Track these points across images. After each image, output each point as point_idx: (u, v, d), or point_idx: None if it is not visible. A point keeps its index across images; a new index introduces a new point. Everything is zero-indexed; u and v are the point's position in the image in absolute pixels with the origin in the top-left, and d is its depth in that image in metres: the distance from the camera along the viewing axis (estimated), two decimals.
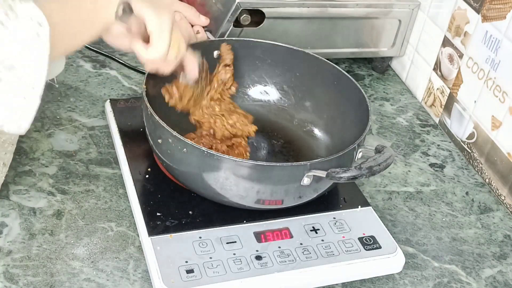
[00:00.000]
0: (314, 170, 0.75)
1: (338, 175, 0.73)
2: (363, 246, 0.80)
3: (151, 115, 0.79)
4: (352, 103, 0.92)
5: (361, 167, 0.73)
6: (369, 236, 0.81)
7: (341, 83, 0.94)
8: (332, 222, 0.82)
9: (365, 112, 0.86)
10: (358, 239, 0.80)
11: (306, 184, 0.76)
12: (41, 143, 0.94)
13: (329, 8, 1.13)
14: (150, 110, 0.79)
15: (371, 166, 0.74)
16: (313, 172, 0.75)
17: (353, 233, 0.81)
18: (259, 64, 0.99)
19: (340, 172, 0.73)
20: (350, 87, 0.92)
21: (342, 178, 0.72)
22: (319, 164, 0.76)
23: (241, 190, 0.78)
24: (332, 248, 0.79)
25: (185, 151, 0.77)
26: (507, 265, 0.88)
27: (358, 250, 0.79)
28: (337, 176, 0.73)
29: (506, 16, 0.97)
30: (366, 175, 0.73)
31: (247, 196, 0.78)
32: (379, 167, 0.74)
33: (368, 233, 0.82)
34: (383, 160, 0.75)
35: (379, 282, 0.82)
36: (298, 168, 0.76)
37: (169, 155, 0.81)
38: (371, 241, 0.81)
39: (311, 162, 0.76)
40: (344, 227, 0.82)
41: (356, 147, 0.80)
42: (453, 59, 1.10)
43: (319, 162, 0.76)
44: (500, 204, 0.98)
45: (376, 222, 0.84)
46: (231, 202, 0.80)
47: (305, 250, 0.78)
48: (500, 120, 0.99)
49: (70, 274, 0.76)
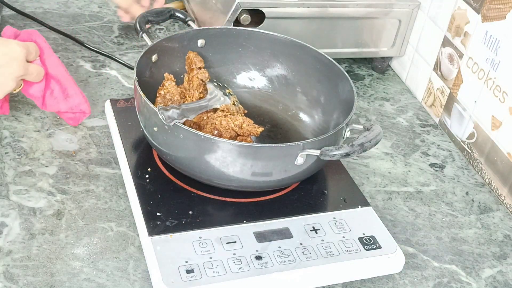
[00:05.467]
0: (308, 149, 0.77)
1: (331, 152, 0.75)
2: (363, 246, 0.80)
3: (145, 103, 0.80)
4: (336, 85, 0.93)
5: (353, 144, 0.76)
6: (369, 236, 0.81)
7: (324, 66, 0.96)
8: (332, 222, 0.82)
9: (349, 93, 0.88)
10: (358, 239, 0.81)
11: (300, 163, 0.78)
12: (41, 143, 0.94)
13: (329, 8, 1.13)
14: (144, 98, 0.80)
15: (362, 143, 0.76)
16: (306, 152, 0.77)
17: (353, 233, 0.81)
18: (243, 52, 1.01)
19: (333, 150, 0.75)
20: (333, 70, 0.94)
21: (335, 155, 0.75)
22: (312, 144, 0.78)
23: (238, 172, 0.78)
24: (332, 248, 0.79)
25: (182, 136, 0.77)
26: (507, 265, 0.88)
27: (358, 250, 0.79)
28: (331, 153, 0.75)
29: (506, 16, 0.97)
30: (358, 152, 0.75)
31: (244, 179, 0.79)
32: (369, 143, 0.76)
33: (368, 233, 0.82)
34: (373, 136, 0.77)
35: (379, 282, 0.82)
36: (292, 148, 0.77)
37: (165, 142, 0.81)
38: (371, 241, 0.81)
39: (304, 142, 0.77)
40: (344, 227, 0.82)
41: (345, 126, 0.81)
42: (453, 59, 1.10)
43: (311, 142, 0.78)
44: (500, 204, 0.98)
45: (376, 222, 0.84)
46: (227, 185, 0.81)
47: (305, 250, 0.78)
48: (500, 120, 0.99)
49: (70, 274, 0.76)
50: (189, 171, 0.83)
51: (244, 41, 1.00)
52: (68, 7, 1.31)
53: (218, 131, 0.87)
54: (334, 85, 0.94)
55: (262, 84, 1.02)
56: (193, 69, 0.94)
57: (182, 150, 0.80)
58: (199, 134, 0.77)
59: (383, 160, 1.04)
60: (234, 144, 0.77)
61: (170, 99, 0.91)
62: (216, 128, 0.87)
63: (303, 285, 0.77)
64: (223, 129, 0.87)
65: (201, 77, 0.94)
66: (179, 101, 0.91)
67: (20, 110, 1.00)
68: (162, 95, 0.91)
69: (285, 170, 0.80)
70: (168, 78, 0.92)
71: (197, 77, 0.93)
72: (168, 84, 0.91)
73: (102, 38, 1.22)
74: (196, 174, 0.82)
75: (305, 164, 0.79)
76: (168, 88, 0.91)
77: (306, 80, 0.99)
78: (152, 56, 0.92)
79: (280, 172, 0.80)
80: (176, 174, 0.86)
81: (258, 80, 1.02)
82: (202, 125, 0.89)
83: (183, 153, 0.81)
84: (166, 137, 0.80)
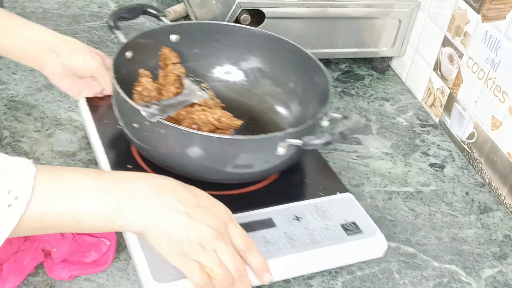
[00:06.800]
0: (289, 139, 0.78)
1: (313, 141, 0.77)
2: (345, 232, 0.81)
3: (124, 100, 0.80)
4: (311, 77, 0.93)
5: (333, 133, 0.77)
6: (350, 222, 0.82)
7: (299, 58, 0.95)
8: (314, 210, 0.83)
9: (325, 84, 0.88)
10: (340, 225, 0.81)
11: (281, 154, 0.79)
12: (41, 143, 0.94)
13: (329, 8, 1.13)
14: (124, 96, 0.80)
15: (342, 131, 0.78)
16: (288, 142, 0.78)
17: (335, 220, 0.82)
18: (217, 46, 1.01)
19: (315, 139, 0.77)
20: (307, 61, 0.94)
21: (317, 144, 0.77)
22: (292, 135, 0.79)
23: (220, 165, 0.79)
24: (315, 235, 0.79)
25: (164, 132, 0.77)
26: (507, 265, 0.88)
27: (340, 236, 0.80)
28: (312, 143, 0.77)
29: (506, 16, 0.97)
30: (339, 140, 0.77)
31: (226, 171, 0.80)
32: (349, 131, 0.78)
33: (349, 219, 0.83)
34: (352, 124, 0.79)
35: (379, 282, 0.82)
36: (274, 139, 0.78)
37: (147, 139, 0.81)
38: (353, 226, 0.82)
39: (285, 132, 0.79)
40: (326, 214, 0.83)
41: (323, 115, 0.83)
42: (453, 59, 1.10)
43: (292, 133, 0.79)
44: (500, 204, 0.98)
45: (356, 208, 0.85)
46: (209, 178, 0.82)
47: (289, 239, 0.79)
48: (500, 120, 0.99)
49: None
50: (171, 166, 0.83)
51: (218, 36, 1.00)
52: (68, 7, 1.31)
53: (197, 125, 0.87)
54: (310, 77, 0.94)
55: (238, 78, 1.02)
56: (168, 64, 0.94)
57: (164, 145, 0.80)
58: (182, 129, 0.77)
59: (383, 160, 1.04)
60: (217, 137, 0.77)
61: (147, 95, 0.90)
62: (195, 122, 0.87)
63: (289, 273, 0.78)
64: (202, 123, 0.87)
65: (177, 72, 0.93)
66: (156, 97, 0.91)
67: (20, 110, 1.00)
68: (139, 91, 0.90)
69: (266, 161, 0.81)
70: (144, 74, 0.91)
71: (173, 73, 0.93)
72: (145, 80, 0.91)
73: (102, 38, 1.22)
74: (178, 169, 0.82)
75: (286, 155, 0.80)
76: (144, 84, 0.90)
77: (282, 72, 0.99)
78: (127, 53, 0.92)
79: (262, 163, 0.81)
80: (157, 169, 0.86)
81: (233, 74, 1.02)
82: (180, 120, 0.88)
83: (165, 148, 0.81)
84: (147, 134, 0.80)
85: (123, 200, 0.64)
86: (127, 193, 0.65)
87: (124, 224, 0.65)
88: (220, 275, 0.66)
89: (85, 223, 0.64)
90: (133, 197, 0.65)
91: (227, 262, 0.67)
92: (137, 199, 0.65)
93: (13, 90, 1.05)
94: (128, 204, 0.64)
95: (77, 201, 0.63)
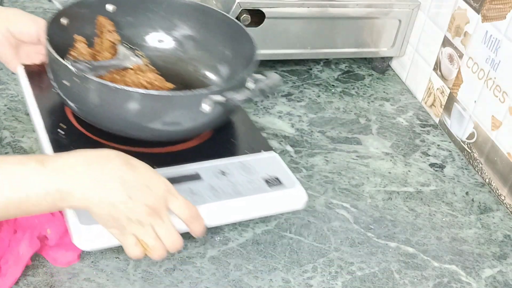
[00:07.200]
0: (212, 95, 0.81)
1: (234, 96, 0.82)
2: (267, 184, 0.84)
3: (55, 59, 0.81)
4: (239, 44, 0.96)
5: (253, 90, 0.84)
6: (273, 177, 0.85)
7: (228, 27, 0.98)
8: (239, 166, 0.86)
9: (251, 50, 0.91)
10: (263, 179, 0.84)
11: (207, 111, 0.82)
12: None
13: (329, 8, 1.13)
14: (54, 54, 0.81)
15: (261, 88, 0.84)
16: (212, 98, 0.81)
17: (258, 175, 0.85)
18: (151, 16, 1.03)
19: (236, 94, 0.82)
20: (236, 29, 0.96)
21: (239, 100, 0.82)
22: (216, 92, 0.82)
23: (148, 122, 0.81)
24: (239, 187, 0.82)
25: (93, 88, 0.79)
26: (507, 265, 0.88)
27: (263, 187, 0.83)
28: (234, 98, 0.82)
29: (506, 16, 0.97)
30: (258, 95, 0.83)
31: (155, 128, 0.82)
32: (269, 88, 0.84)
33: (272, 174, 0.86)
34: (271, 82, 0.85)
35: (379, 282, 0.82)
36: (197, 95, 0.82)
37: (77, 96, 0.82)
38: (275, 181, 0.85)
39: (209, 89, 0.83)
40: (251, 170, 0.86)
41: (246, 76, 0.86)
42: (453, 59, 1.10)
43: (216, 90, 0.83)
44: (500, 204, 0.98)
45: (280, 165, 0.88)
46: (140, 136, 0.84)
47: (214, 190, 0.81)
48: (500, 120, 0.99)
49: (70, 274, 0.76)
50: (101, 124, 0.85)
51: (153, 6, 1.02)
52: None
53: None
54: (239, 44, 0.96)
55: (172, 46, 1.04)
56: (103, 32, 0.96)
57: (92, 102, 0.82)
58: (109, 84, 0.78)
59: (383, 160, 1.04)
60: (142, 93, 0.79)
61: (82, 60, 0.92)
62: (128, 84, 0.89)
63: (213, 220, 0.79)
64: (134, 86, 0.89)
65: (112, 39, 0.95)
66: None
67: (20, 110, 1.00)
68: (73, 55, 0.92)
69: (193, 118, 0.83)
70: (79, 39, 0.93)
71: (107, 39, 0.95)
72: (80, 46, 0.93)
73: None
74: (108, 126, 0.84)
75: (213, 112, 0.83)
76: (79, 50, 0.92)
77: (213, 40, 1.01)
78: (62, 19, 0.93)
79: (189, 121, 0.83)
80: (89, 128, 0.87)
81: (167, 42, 1.04)
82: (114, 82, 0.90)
83: (93, 105, 0.82)
84: (76, 91, 0.81)
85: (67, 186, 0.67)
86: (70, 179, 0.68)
87: (69, 206, 0.69)
88: (152, 246, 0.71)
89: (30, 210, 0.68)
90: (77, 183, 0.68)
91: (162, 236, 0.72)
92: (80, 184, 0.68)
93: (13, 90, 1.05)
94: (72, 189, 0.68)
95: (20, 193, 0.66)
